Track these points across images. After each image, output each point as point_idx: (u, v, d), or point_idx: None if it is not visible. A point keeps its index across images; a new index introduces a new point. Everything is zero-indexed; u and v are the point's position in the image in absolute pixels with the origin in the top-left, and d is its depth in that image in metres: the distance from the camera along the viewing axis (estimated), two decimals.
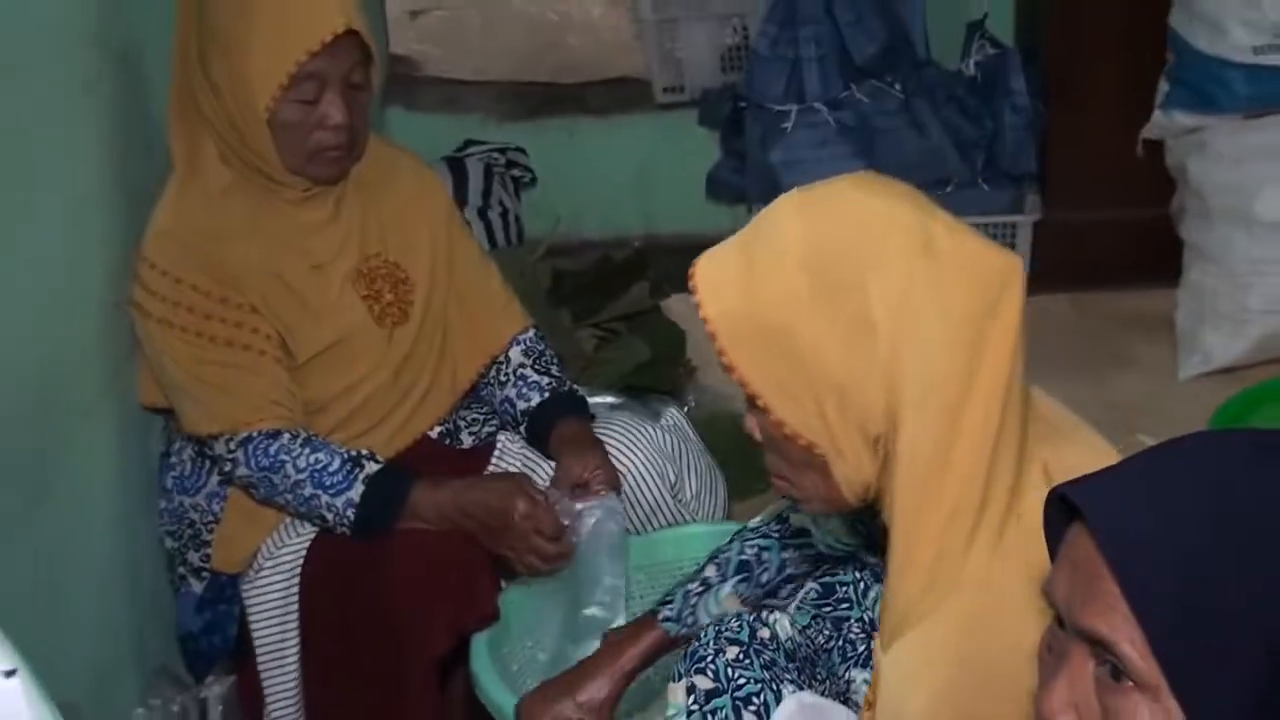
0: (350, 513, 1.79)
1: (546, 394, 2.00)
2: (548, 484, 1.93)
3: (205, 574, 1.86)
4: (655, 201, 3.30)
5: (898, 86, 3.03)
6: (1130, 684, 0.80)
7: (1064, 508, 0.87)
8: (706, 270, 1.19)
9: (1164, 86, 2.73)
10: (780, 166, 2.92)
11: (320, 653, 1.84)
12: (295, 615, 1.85)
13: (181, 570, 1.88)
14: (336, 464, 1.82)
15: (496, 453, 2.00)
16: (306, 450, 1.81)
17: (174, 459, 1.89)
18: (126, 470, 1.90)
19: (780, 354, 1.16)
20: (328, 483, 1.80)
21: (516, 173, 3.12)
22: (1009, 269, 1.14)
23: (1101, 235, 2.98)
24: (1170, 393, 2.62)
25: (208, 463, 1.88)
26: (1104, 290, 2.95)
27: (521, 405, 2.01)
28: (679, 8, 3.40)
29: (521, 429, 2.02)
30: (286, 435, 1.83)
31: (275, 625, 1.84)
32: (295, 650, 1.84)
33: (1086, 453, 1.17)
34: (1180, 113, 2.70)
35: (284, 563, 1.86)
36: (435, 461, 1.92)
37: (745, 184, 3.11)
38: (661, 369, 2.62)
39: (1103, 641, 0.81)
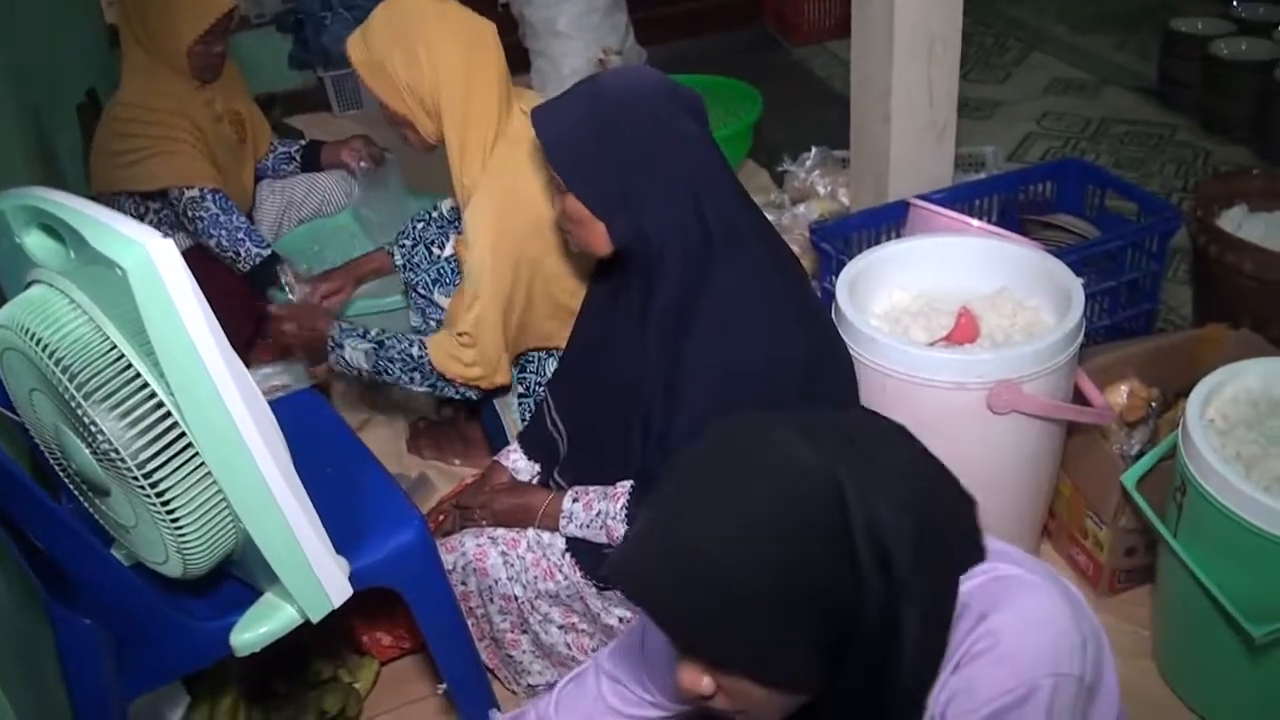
0: (257, 259, 2.32)
1: (304, 141, 2.79)
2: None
3: None
4: (261, 72, 4.04)
5: None
6: (567, 191, 1.30)
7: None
8: (349, 46, 1.71)
9: None
10: (327, 43, 3.92)
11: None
12: None
13: None
14: (263, 231, 2.48)
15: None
16: (243, 217, 2.39)
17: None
18: None
19: (382, 76, 1.66)
20: (255, 239, 2.36)
21: None
22: (487, 25, 1.67)
23: None
24: None
25: (144, 219, 2.30)
26: None
27: (294, 149, 2.77)
28: None
29: (298, 158, 2.74)
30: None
31: None
32: None
33: (530, 101, 1.68)
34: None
35: None
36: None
37: (309, 58, 4.10)
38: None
39: (556, 181, 1.30)
